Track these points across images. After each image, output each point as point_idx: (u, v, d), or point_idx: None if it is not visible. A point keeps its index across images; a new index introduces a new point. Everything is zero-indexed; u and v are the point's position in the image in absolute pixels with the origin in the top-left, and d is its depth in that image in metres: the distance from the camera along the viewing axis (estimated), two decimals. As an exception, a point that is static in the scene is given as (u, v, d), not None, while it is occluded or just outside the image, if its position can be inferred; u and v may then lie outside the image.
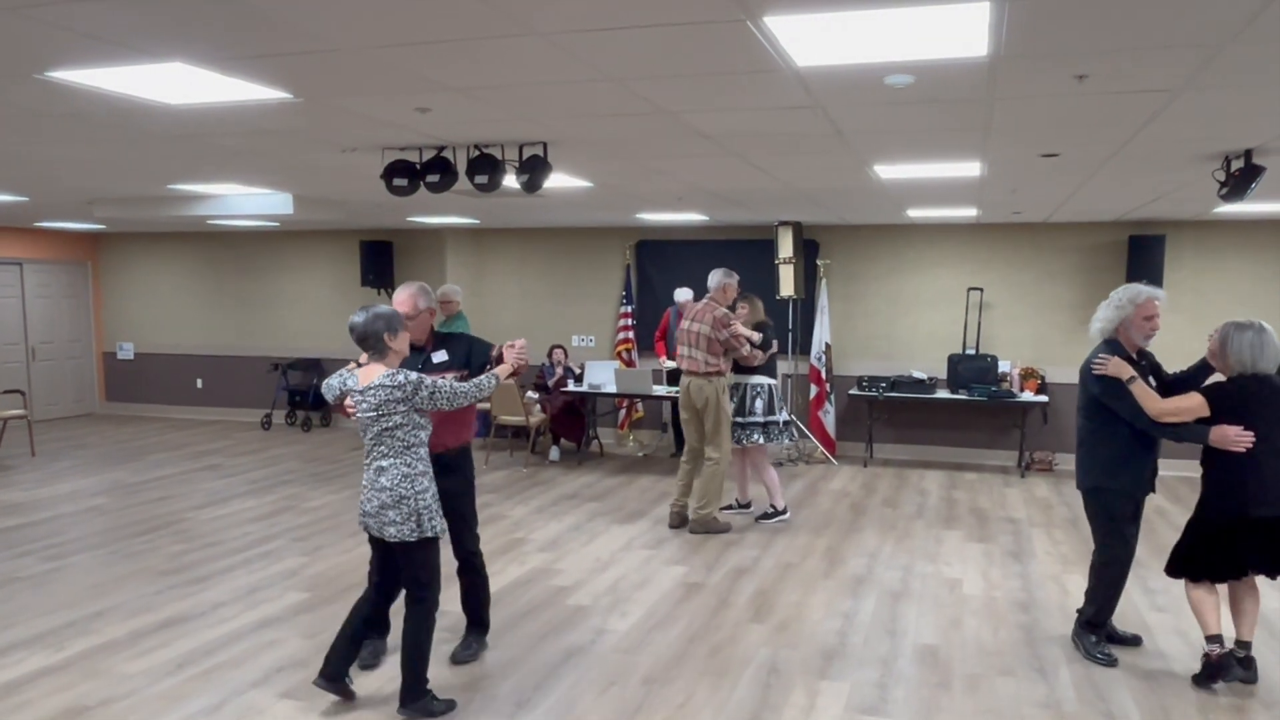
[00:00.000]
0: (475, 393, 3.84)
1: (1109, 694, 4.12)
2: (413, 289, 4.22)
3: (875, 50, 3.15)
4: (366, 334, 3.73)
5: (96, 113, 4.25)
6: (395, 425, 3.69)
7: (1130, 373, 4.17)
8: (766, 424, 7.00)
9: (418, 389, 3.67)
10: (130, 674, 4.27)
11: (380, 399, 3.66)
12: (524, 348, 4.09)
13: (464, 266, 11.25)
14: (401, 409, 3.67)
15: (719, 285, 6.74)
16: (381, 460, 3.74)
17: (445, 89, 3.77)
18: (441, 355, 4.25)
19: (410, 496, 3.71)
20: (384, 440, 3.72)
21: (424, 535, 3.74)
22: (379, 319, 3.72)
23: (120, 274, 12.78)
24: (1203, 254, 8.96)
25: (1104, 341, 4.39)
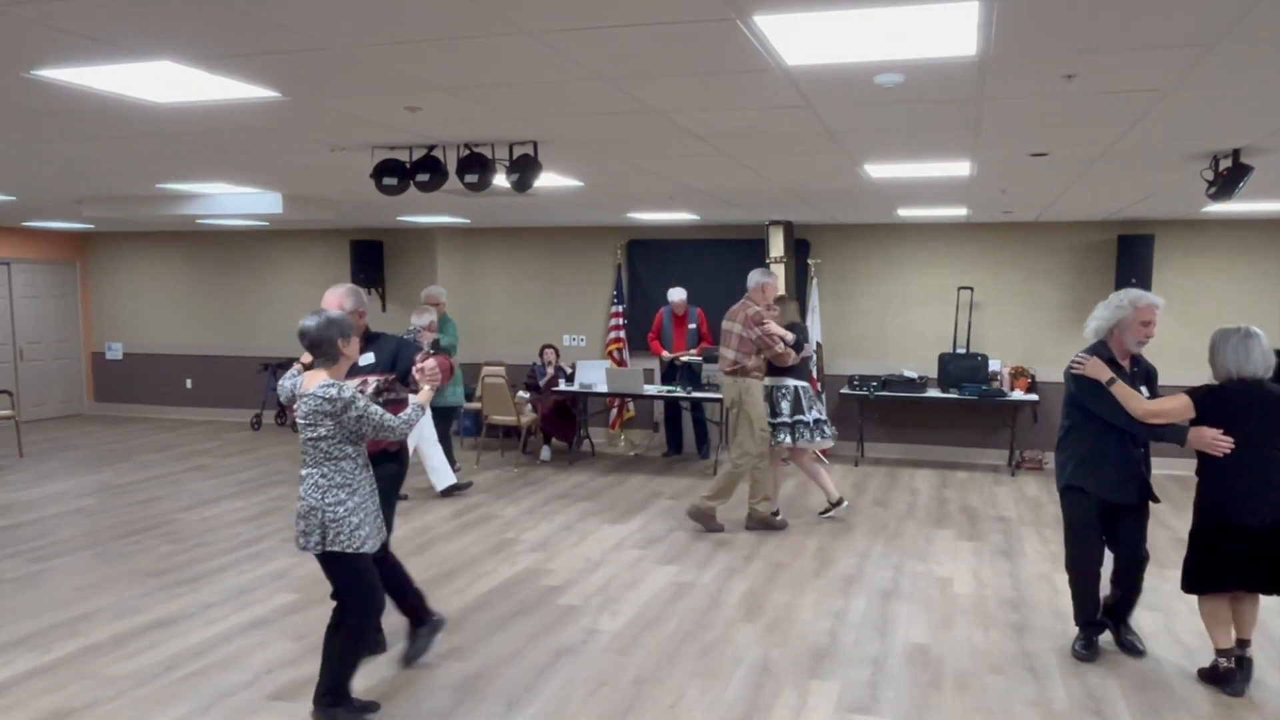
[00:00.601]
0: (403, 428, 3.71)
1: (1099, 692, 4.13)
2: (341, 290, 4.15)
3: (865, 49, 3.16)
4: (320, 339, 3.61)
5: (84, 111, 4.23)
6: (320, 436, 3.59)
7: (1108, 375, 4.16)
8: (794, 424, 6.94)
9: (347, 408, 3.54)
10: (118, 676, 4.24)
11: (310, 408, 3.56)
12: (433, 369, 3.93)
13: (455, 266, 11.23)
14: (328, 423, 3.56)
15: (757, 285, 6.72)
16: (304, 469, 3.66)
17: (435, 88, 3.76)
18: (368, 357, 4.17)
19: (320, 508, 3.59)
20: (308, 449, 3.62)
21: (328, 549, 3.60)
22: (333, 324, 3.62)
23: (109, 274, 12.72)
24: (1191, 253, 9.00)
25: (1093, 345, 4.38)
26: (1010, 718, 3.90)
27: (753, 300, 6.69)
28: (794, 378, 7.01)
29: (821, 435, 7.07)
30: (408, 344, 4.29)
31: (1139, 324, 4.25)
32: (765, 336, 6.56)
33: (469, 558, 6.12)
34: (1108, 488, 4.31)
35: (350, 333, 3.69)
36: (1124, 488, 4.32)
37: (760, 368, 6.72)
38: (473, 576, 5.73)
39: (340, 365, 3.68)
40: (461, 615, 5.05)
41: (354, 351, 3.75)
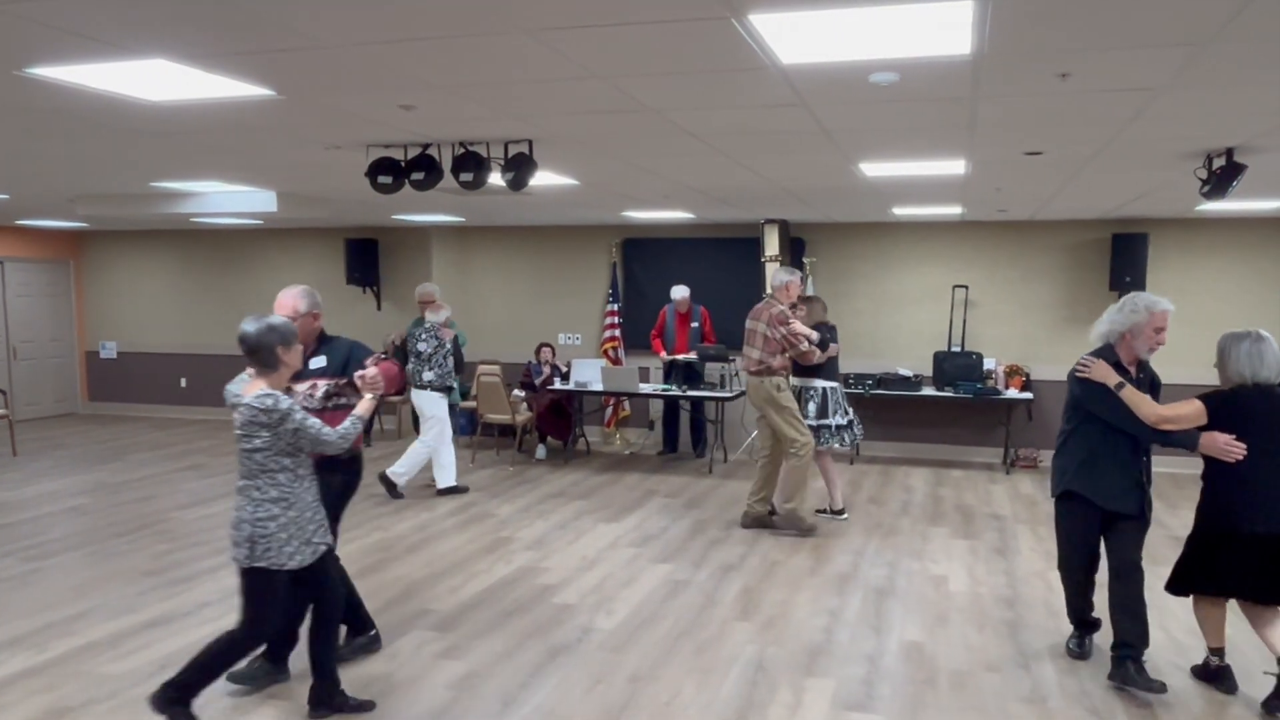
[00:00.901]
0: (340, 443, 3.61)
1: (1093, 689, 4.14)
2: (295, 291, 4.06)
3: (860, 48, 3.16)
4: (259, 346, 3.48)
5: (78, 110, 4.22)
6: (255, 448, 3.48)
7: (1116, 379, 4.02)
8: (819, 427, 6.95)
9: (284, 420, 3.44)
10: (113, 675, 4.24)
11: (246, 418, 3.46)
12: (374, 377, 3.83)
13: (450, 265, 11.22)
14: (264, 434, 3.46)
15: (780, 284, 6.71)
16: (240, 480, 3.55)
17: (430, 86, 3.76)
18: (320, 361, 4.08)
19: (249, 521, 3.49)
20: (243, 460, 3.52)
21: (254, 564, 3.49)
22: (273, 331, 3.50)
23: (103, 272, 12.69)
24: (1186, 252, 9.02)
25: (1104, 346, 4.20)
26: (1005, 715, 3.91)
27: (776, 299, 6.67)
28: (822, 379, 7.02)
29: (841, 442, 7.05)
30: (360, 348, 4.18)
31: (1152, 330, 4.08)
32: (790, 335, 6.51)
33: (464, 556, 6.12)
34: (1108, 495, 4.15)
35: (293, 340, 3.57)
36: (1126, 497, 4.15)
37: (787, 366, 6.67)
38: (468, 575, 5.73)
39: (280, 374, 3.55)
40: (457, 613, 5.05)
41: (295, 360, 3.62)
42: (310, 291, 4.10)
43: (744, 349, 6.74)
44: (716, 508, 7.52)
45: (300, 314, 4.00)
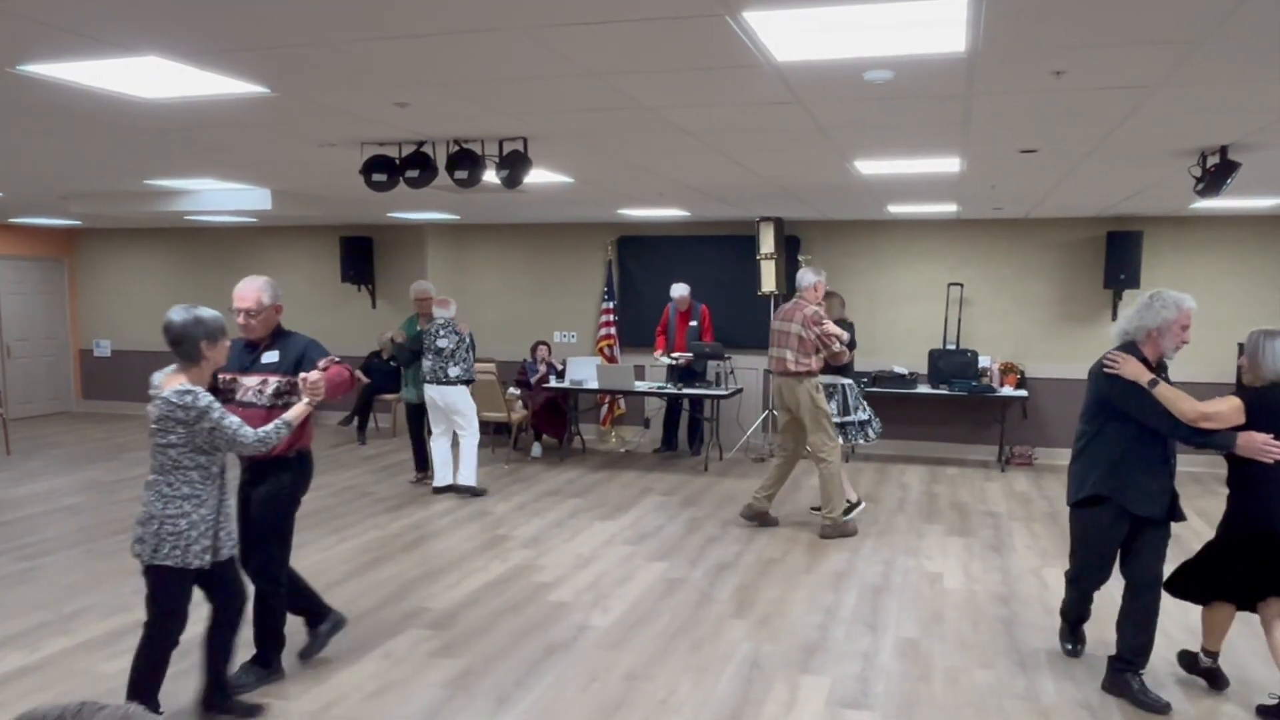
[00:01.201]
0: (257, 445, 3.52)
1: (1087, 686, 4.15)
2: (261, 282, 3.96)
3: (854, 45, 3.16)
4: (183, 337, 3.38)
5: (71, 107, 4.20)
6: (169, 444, 3.41)
7: (1149, 375, 3.83)
8: (844, 424, 6.96)
9: (201, 418, 3.37)
10: (108, 673, 4.22)
11: (162, 413, 3.37)
12: (315, 383, 3.73)
13: (445, 262, 11.20)
14: (180, 430, 3.39)
15: (810, 284, 6.66)
16: (151, 474, 3.48)
17: (424, 84, 3.75)
18: (272, 356, 3.97)
19: (159, 517, 3.43)
20: (155, 454, 3.45)
21: (156, 561, 3.43)
22: (200, 324, 3.41)
23: (97, 270, 12.65)
24: (1180, 249, 9.04)
25: (1128, 344, 3.99)
26: (999, 712, 3.91)
27: (806, 299, 6.62)
28: (844, 376, 7.04)
29: (865, 438, 7.07)
30: (316, 347, 4.04)
31: (1180, 328, 3.89)
32: (824, 336, 6.48)
33: (460, 554, 6.12)
34: (1138, 499, 3.93)
35: (220, 336, 3.49)
36: (1156, 500, 3.94)
37: (819, 367, 6.62)
38: (464, 573, 5.72)
39: (202, 369, 3.47)
40: (452, 611, 5.05)
41: (221, 356, 3.54)
42: (274, 283, 4.01)
43: (773, 350, 6.65)
44: (712, 505, 7.52)
45: (264, 306, 3.94)
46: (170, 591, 3.51)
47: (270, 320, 3.99)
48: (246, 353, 3.98)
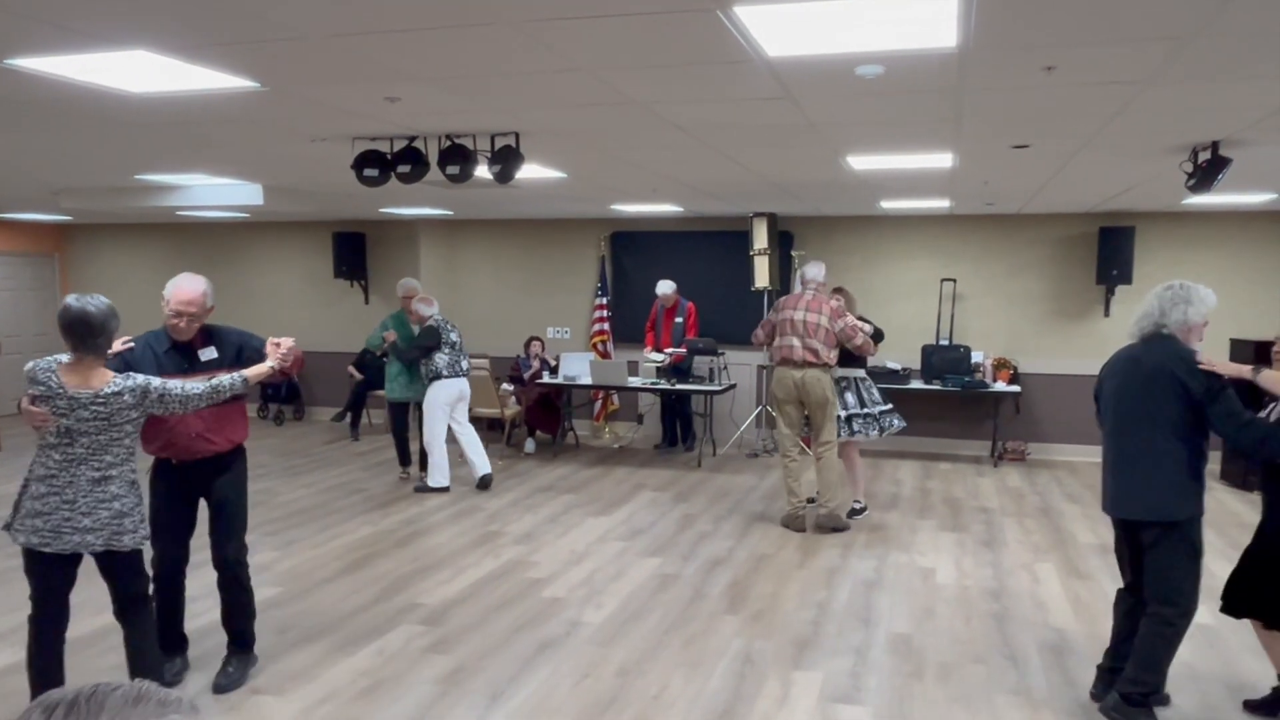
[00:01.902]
0: (211, 395, 3.51)
1: (1078, 681, 4.16)
2: (203, 281, 3.88)
3: (845, 41, 3.16)
4: (103, 329, 3.29)
5: (59, 102, 4.18)
6: (126, 434, 3.38)
7: (1248, 366, 3.51)
8: (857, 416, 6.96)
9: (146, 393, 3.36)
10: (100, 670, 4.22)
11: (115, 406, 3.31)
12: (290, 348, 3.78)
13: (437, 258, 11.18)
14: (134, 415, 3.36)
15: (823, 278, 6.69)
16: (108, 469, 3.37)
17: (415, 79, 3.74)
18: (210, 353, 3.92)
19: (132, 501, 3.45)
20: (111, 447, 3.36)
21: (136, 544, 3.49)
22: (114, 316, 3.33)
23: (88, 266, 12.60)
24: (1172, 245, 9.06)
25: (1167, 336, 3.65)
26: (991, 707, 3.93)
27: (822, 292, 6.63)
28: (856, 368, 7.04)
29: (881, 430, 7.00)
30: (253, 339, 4.05)
31: (1202, 325, 3.68)
32: (850, 328, 6.51)
33: (453, 550, 6.11)
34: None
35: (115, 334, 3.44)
36: None
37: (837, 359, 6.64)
38: (457, 569, 5.72)
39: (105, 363, 3.41)
40: (445, 607, 5.05)
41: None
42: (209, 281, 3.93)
43: (792, 340, 6.49)
44: (705, 501, 7.52)
45: (208, 308, 3.87)
46: (141, 569, 3.63)
47: (203, 320, 3.91)
48: (178, 355, 3.87)
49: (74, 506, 3.33)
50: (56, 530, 3.33)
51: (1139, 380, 3.64)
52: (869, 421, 6.99)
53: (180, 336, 3.88)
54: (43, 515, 3.33)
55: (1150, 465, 3.60)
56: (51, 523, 3.33)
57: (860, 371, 7.09)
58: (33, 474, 3.40)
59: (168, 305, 3.83)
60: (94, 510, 3.35)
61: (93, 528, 3.36)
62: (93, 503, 3.35)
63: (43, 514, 3.33)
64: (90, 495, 3.35)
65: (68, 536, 3.34)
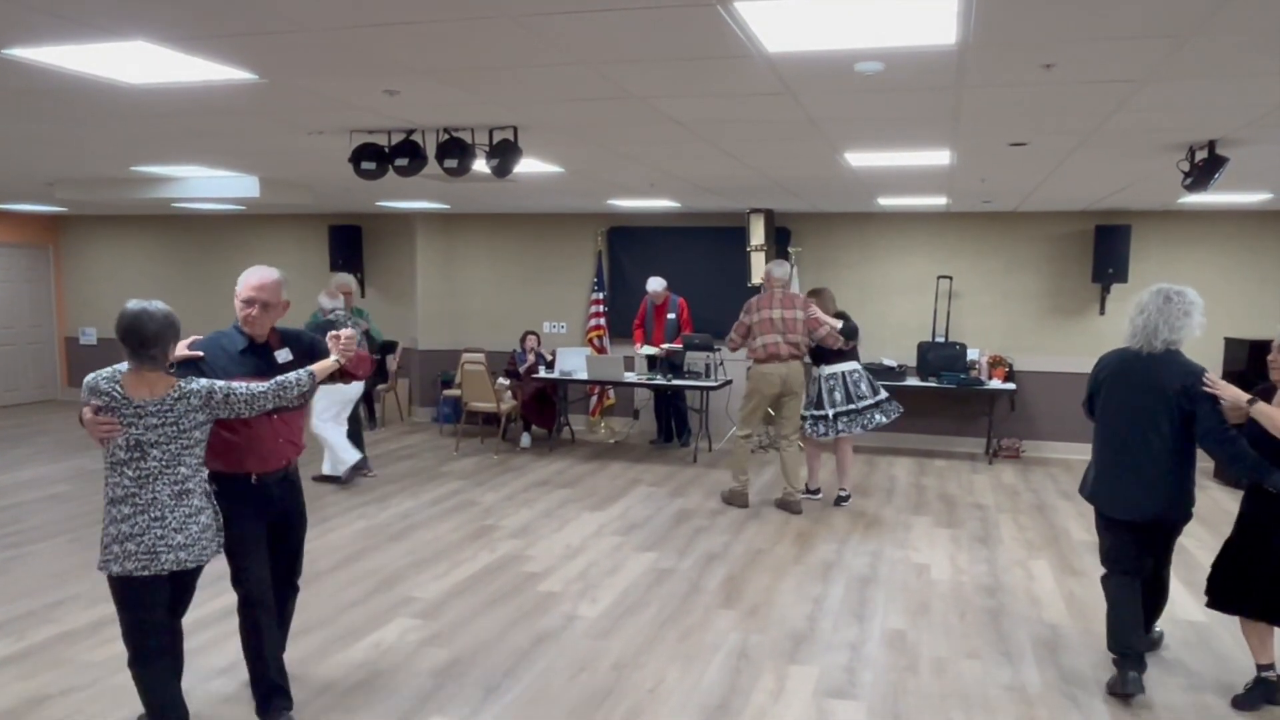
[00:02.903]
0: (278, 393, 3.28)
1: (1072, 676, 4.19)
2: (276, 272, 3.63)
3: (845, 37, 3.16)
4: (159, 340, 3.07)
5: (56, 92, 4.16)
6: (195, 441, 3.18)
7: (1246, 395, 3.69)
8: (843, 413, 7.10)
9: (211, 394, 3.16)
10: (93, 663, 4.21)
11: (182, 410, 3.12)
12: (350, 338, 3.53)
13: (434, 252, 11.17)
14: (201, 419, 3.17)
15: (788, 277, 7.15)
16: (187, 482, 3.17)
17: (414, 71, 3.73)
18: (286, 354, 3.67)
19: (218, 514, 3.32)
20: (183, 459, 3.15)
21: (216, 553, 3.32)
22: (171, 326, 3.11)
23: (83, 257, 12.56)
24: (1167, 244, 9.08)
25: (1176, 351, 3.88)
26: (985, 702, 3.94)
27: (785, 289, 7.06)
28: (847, 362, 7.14)
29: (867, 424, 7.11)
30: (320, 340, 3.71)
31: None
32: (812, 320, 6.94)
33: (449, 544, 6.11)
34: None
35: None
36: None
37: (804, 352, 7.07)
38: (452, 563, 5.72)
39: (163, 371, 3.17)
40: (441, 601, 5.05)
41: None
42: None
43: (775, 338, 6.87)
44: (701, 496, 7.53)
45: (282, 301, 3.61)
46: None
47: (279, 315, 3.64)
48: (254, 356, 3.53)
49: (164, 524, 3.11)
50: (152, 550, 3.10)
51: (1153, 393, 3.87)
52: (853, 419, 7.11)
53: (254, 331, 3.55)
54: (134, 538, 3.09)
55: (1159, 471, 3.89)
56: (145, 544, 3.09)
57: (851, 364, 7.15)
58: (110, 497, 3.14)
59: (238, 296, 3.53)
60: (185, 526, 3.15)
61: (185, 544, 3.15)
62: (181, 518, 3.15)
63: (133, 536, 3.09)
64: (176, 511, 3.14)
65: (164, 555, 3.11)
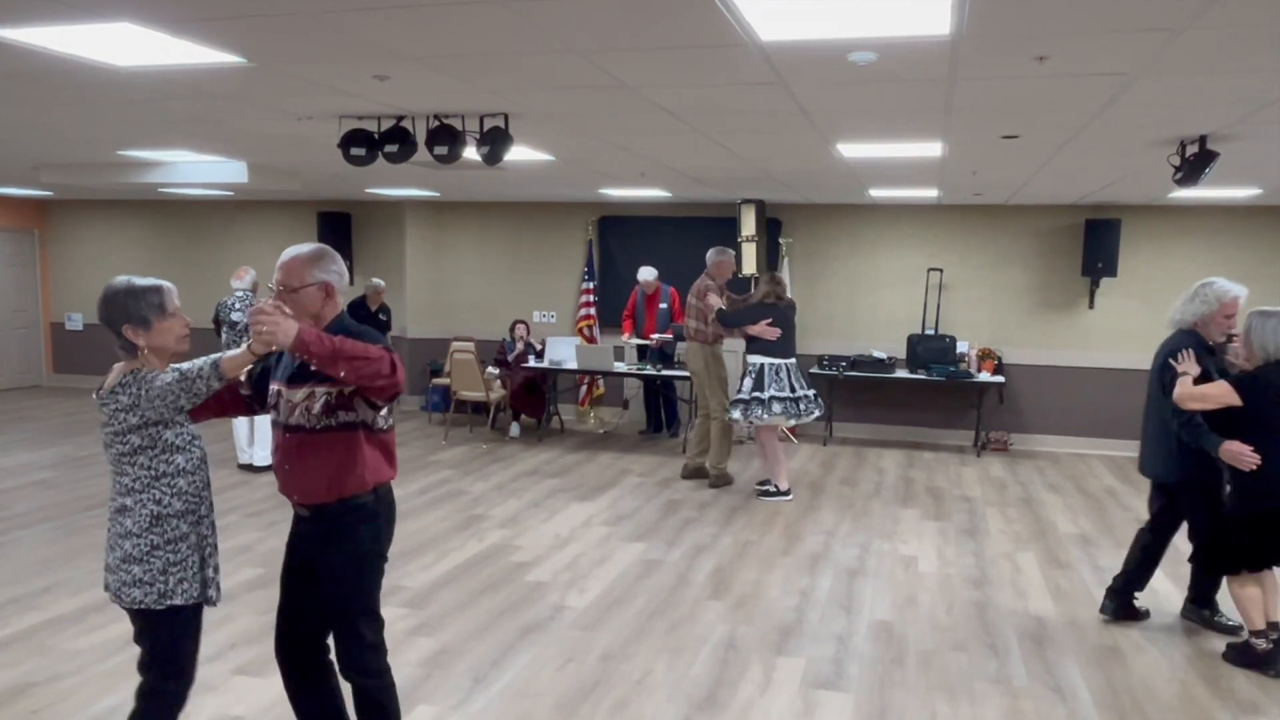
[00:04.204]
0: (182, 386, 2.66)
1: (1057, 669, 4.20)
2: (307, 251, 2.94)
3: (839, 26, 3.14)
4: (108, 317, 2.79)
5: (41, 74, 4.11)
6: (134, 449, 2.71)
7: (1195, 372, 4.18)
8: (750, 400, 7.03)
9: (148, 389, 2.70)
10: (79, 650, 4.19)
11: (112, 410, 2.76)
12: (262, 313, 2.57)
13: (423, 240, 11.11)
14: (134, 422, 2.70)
15: (713, 262, 7.57)
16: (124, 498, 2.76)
17: (404, 57, 3.70)
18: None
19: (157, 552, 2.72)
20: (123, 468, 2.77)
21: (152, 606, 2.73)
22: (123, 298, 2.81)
23: (69, 242, 12.45)
24: (1157, 238, 9.11)
25: (1181, 331, 4.40)
26: (971, 694, 3.96)
27: (710, 276, 7.50)
28: (762, 355, 7.06)
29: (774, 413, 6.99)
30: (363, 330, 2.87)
31: (1222, 317, 4.31)
32: (704, 307, 7.37)
33: (437, 534, 6.10)
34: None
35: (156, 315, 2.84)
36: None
37: (720, 335, 7.50)
38: (440, 553, 5.71)
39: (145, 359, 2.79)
40: (429, 591, 5.04)
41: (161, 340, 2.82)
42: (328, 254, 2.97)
43: (689, 322, 7.58)
44: (690, 487, 7.53)
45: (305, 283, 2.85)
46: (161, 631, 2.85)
47: (313, 305, 2.80)
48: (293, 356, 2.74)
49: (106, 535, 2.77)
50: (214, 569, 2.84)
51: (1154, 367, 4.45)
52: (789, 406, 7.04)
53: None
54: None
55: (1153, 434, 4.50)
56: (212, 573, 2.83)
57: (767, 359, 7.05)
58: None
59: None
60: (112, 547, 2.73)
61: (110, 566, 2.74)
62: (112, 537, 2.74)
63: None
64: (110, 527, 2.75)
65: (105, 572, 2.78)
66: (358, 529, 2.82)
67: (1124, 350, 9.17)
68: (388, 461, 2.89)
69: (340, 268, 2.92)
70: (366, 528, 2.84)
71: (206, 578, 2.77)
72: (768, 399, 6.99)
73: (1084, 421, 9.37)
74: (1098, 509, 7.10)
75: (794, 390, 7.07)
